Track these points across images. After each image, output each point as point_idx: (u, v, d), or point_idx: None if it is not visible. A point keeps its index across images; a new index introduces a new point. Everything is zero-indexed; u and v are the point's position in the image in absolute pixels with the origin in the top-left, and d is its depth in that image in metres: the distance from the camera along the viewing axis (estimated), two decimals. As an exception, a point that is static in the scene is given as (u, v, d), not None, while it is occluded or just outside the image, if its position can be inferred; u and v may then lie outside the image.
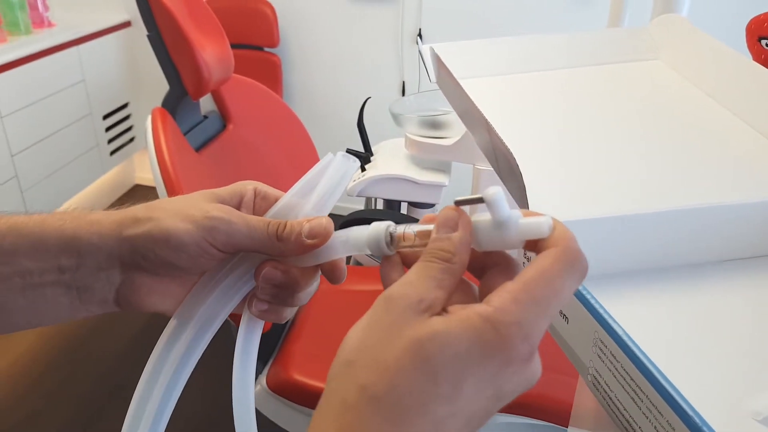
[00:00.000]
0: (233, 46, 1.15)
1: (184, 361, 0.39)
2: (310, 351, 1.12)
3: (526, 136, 0.61)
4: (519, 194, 0.52)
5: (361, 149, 1.49)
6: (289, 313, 0.40)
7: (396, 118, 1.39)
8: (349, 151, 1.47)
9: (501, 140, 0.52)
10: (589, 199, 0.52)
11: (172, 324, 0.38)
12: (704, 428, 0.31)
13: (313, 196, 0.39)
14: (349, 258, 1.52)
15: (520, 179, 0.50)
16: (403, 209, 1.53)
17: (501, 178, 0.60)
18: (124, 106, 2.58)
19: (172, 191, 0.93)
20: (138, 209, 0.37)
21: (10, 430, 1.63)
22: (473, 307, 0.27)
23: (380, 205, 1.54)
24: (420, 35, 2.17)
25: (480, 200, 0.30)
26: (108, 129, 2.49)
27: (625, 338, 0.37)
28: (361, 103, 1.50)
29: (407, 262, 0.34)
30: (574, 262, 0.29)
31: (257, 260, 0.38)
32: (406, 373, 0.26)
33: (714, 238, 0.51)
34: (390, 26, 2.21)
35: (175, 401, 0.39)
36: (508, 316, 0.27)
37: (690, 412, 0.32)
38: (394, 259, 0.35)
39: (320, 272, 0.40)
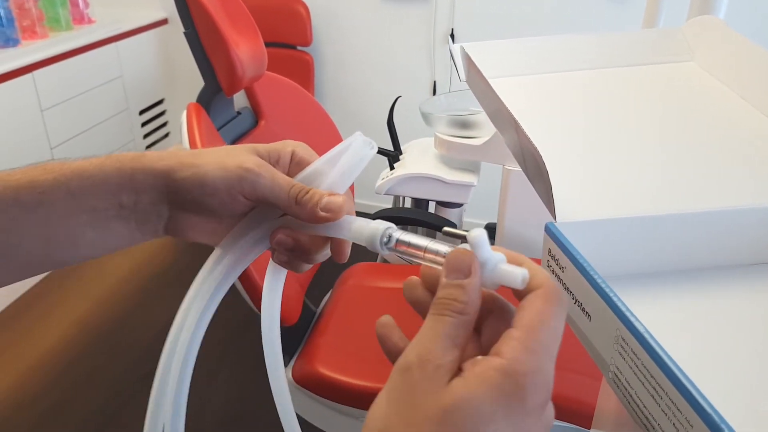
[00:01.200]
0: (267, 44, 1.17)
1: (219, 286, 0.43)
2: (335, 345, 1.14)
3: (553, 136, 0.62)
4: (546, 195, 0.52)
5: (391, 148, 1.50)
6: (306, 267, 0.44)
7: (426, 117, 1.39)
8: (378, 150, 1.48)
9: (529, 140, 0.52)
10: (614, 199, 0.53)
11: (215, 253, 0.43)
12: (722, 426, 0.31)
13: (334, 171, 0.42)
14: (376, 255, 1.53)
15: (547, 179, 0.50)
16: (431, 208, 1.54)
17: (529, 178, 0.60)
18: (160, 101, 2.63)
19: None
20: (185, 155, 0.41)
21: (40, 416, 1.68)
22: (487, 361, 0.28)
23: (408, 204, 1.55)
24: (452, 35, 2.17)
25: (463, 238, 0.31)
26: (144, 124, 2.55)
27: (646, 336, 0.37)
28: (392, 102, 1.51)
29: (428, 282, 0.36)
30: (562, 301, 0.30)
31: (277, 215, 0.42)
32: None
33: (738, 242, 0.51)
34: (422, 26, 2.21)
35: (206, 326, 0.44)
36: (524, 366, 0.27)
37: (709, 410, 0.32)
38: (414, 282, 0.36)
39: (329, 244, 0.43)
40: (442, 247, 0.35)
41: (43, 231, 0.39)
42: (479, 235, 0.31)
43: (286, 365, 1.17)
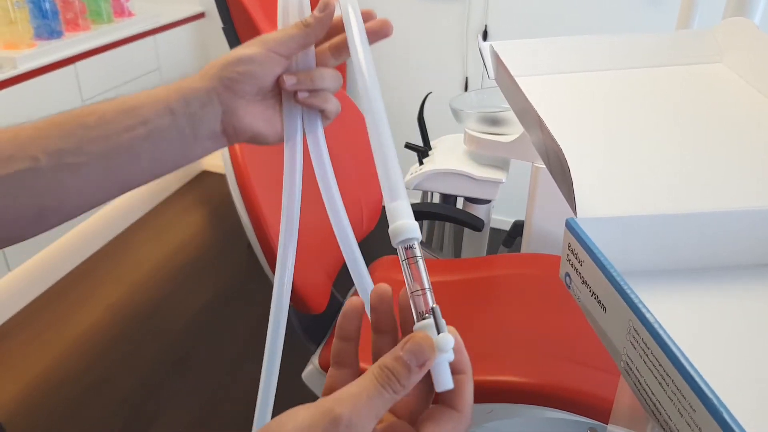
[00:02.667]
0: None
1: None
2: (361, 334, 1.16)
3: (577, 135, 0.63)
4: (567, 191, 0.54)
5: (420, 143, 1.52)
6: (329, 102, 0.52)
7: (456, 113, 1.41)
8: (407, 145, 1.50)
9: (552, 137, 0.54)
10: (634, 197, 0.54)
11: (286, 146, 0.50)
12: (722, 410, 0.32)
13: None
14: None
15: (569, 176, 0.52)
16: (459, 204, 1.55)
17: (553, 176, 0.62)
18: (196, 93, 2.69)
19: (240, 177, 0.98)
20: (224, 58, 0.47)
21: (80, 394, 1.75)
22: None
23: (436, 199, 1.57)
24: (485, 32, 2.17)
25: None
26: (180, 116, 2.61)
27: (656, 326, 0.39)
28: (423, 97, 1.53)
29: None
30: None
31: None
32: None
33: (755, 242, 0.52)
34: (456, 23, 2.22)
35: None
36: None
37: (710, 395, 0.33)
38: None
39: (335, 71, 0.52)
40: (428, 305, 0.39)
41: (104, 147, 0.42)
42: (448, 342, 0.36)
43: (313, 352, 1.20)
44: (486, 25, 2.17)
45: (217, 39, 2.25)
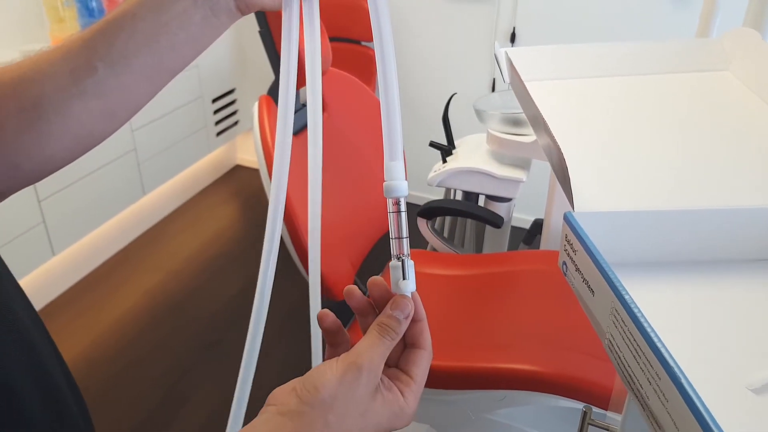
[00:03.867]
0: (333, 39, 1.27)
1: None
2: (382, 323, 1.23)
3: (580, 136, 0.68)
4: (566, 188, 0.59)
5: (445, 142, 1.58)
6: None
7: (479, 114, 1.46)
8: (432, 144, 1.56)
9: (552, 135, 0.59)
10: (630, 195, 0.59)
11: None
12: (680, 376, 0.38)
13: None
14: (426, 243, 1.61)
15: (566, 172, 0.57)
16: (481, 202, 1.60)
17: (557, 177, 0.67)
18: (231, 91, 2.79)
19: (272, 169, 1.05)
20: None
21: (116, 374, 1.85)
22: (396, 397, 0.45)
23: (459, 197, 1.62)
24: (513, 35, 2.22)
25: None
26: (215, 112, 2.70)
27: (632, 306, 0.44)
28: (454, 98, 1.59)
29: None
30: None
31: None
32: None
33: (743, 239, 0.56)
34: (485, 25, 2.27)
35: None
36: (411, 409, 0.46)
37: (671, 362, 0.39)
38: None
39: None
40: (402, 250, 0.49)
41: (143, 42, 0.49)
42: (407, 287, 0.48)
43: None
44: (514, 27, 2.21)
45: (253, 40, 2.34)
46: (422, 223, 1.49)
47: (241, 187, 2.92)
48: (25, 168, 0.51)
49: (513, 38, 2.22)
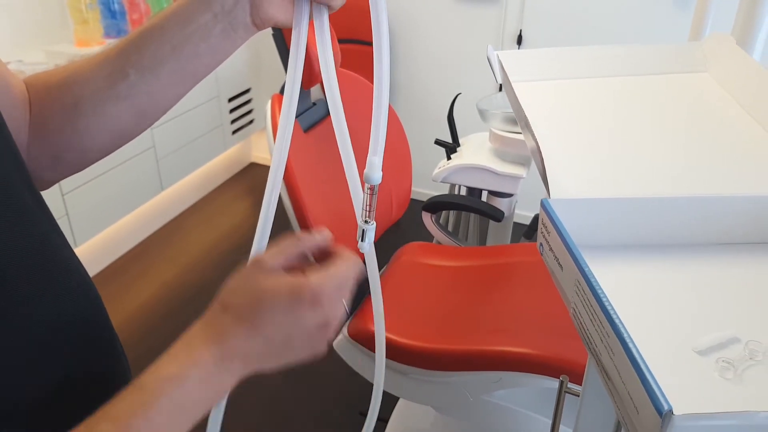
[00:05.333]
0: (344, 40, 1.33)
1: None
2: (386, 308, 1.29)
3: (560, 131, 0.75)
4: (544, 177, 0.66)
5: (450, 140, 1.65)
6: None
7: (482, 113, 1.53)
8: (437, 141, 1.63)
9: (531, 129, 0.66)
10: (602, 185, 0.66)
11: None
12: (624, 334, 0.44)
13: None
14: (432, 237, 1.68)
15: (542, 162, 0.64)
16: (484, 197, 1.67)
17: (539, 172, 0.74)
18: (247, 91, 2.87)
19: (285, 169, 1.13)
20: None
21: (133, 361, 1.93)
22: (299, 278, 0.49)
23: (463, 192, 1.69)
24: (520, 37, 2.28)
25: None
26: (231, 111, 2.79)
27: (590, 277, 0.50)
28: (458, 99, 1.65)
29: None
30: (354, 266, 0.53)
31: None
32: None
33: (703, 224, 0.63)
34: (492, 27, 2.33)
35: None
36: (314, 282, 0.48)
37: (616, 320, 0.45)
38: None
39: None
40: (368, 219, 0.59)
41: (170, 50, 0.55)
42: (364, 247, 0.58)
43: (343, 325, 1.34)
44: (521, 30, 2.27)
45: (267, 43, 2.42)
46: (427, 217, 1.56)
47: (256, 184, 3.00)
48: (66, 159, 0.58)
49: (520, 40, 2.28)
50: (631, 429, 0.45)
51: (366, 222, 0.59)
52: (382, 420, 1.60)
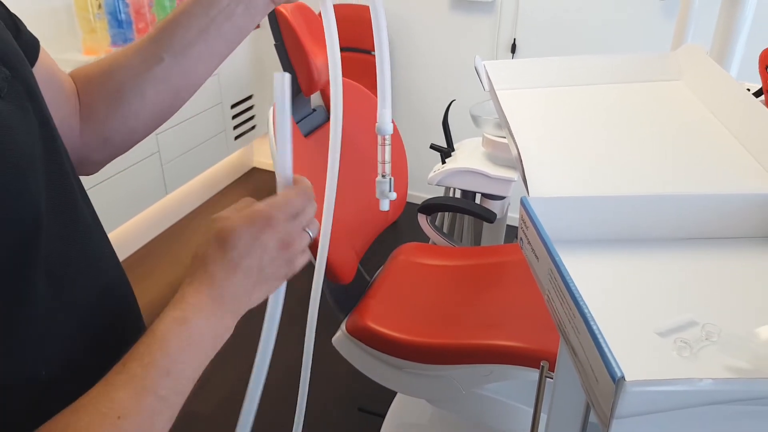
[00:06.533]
0: (345, 49, 1.39)
1: None
2: (383, 306, 1.36)
3: (540, 134, 0.81)
4: (523, 178, 0.72)
5: (445, 145, 1.71)
6: None
7: (475, 119, 1.59)
8: (433, 146, 1.69)
9: (511, 132, 0.72)
10: (578, 186, 0.72)
11: None
12: (584, 308, 0.50)
13: None
14: (427, 238, 1.74)
15: (521, 162, 0.70)
16: (478, 200, 1.73)
17: (519, 172, 0.80)
18: (249, 97, 2.94)
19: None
20: None
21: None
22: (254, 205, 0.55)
23: (458, 195, 1.75)
24: (514, 45, 2.34)
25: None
26: (234, 117, 2.86)
27: (561, 266, 0.56)
28: (453, 106, 1.72)
29: None
30: (305, 193, 0.58)
31: None
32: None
33: (667, 220, 0.69)
34: (487, 35, 2.40)
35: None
36: (268, 212, 0.54)
37: (580, 302, 0.51)
38: None
39: None
40: (385, 172, 0.68)
41: (197, 33, 0.62)
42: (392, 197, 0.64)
43: (342, 321, 1.40)
44: (515, 39, 2.34)
45: (270, 51, 2.49)
46: (422, 219, 1.62)
47: (258, 188, 3.07)
48: (115, 141, 0.65)
49: (514, 48, 2.34)
50: (594, 401, 0.51)
51: (383, 176, 0.66)
52: (380, 415, 1.66)
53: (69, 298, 0.49)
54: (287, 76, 0.56)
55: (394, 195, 0.70)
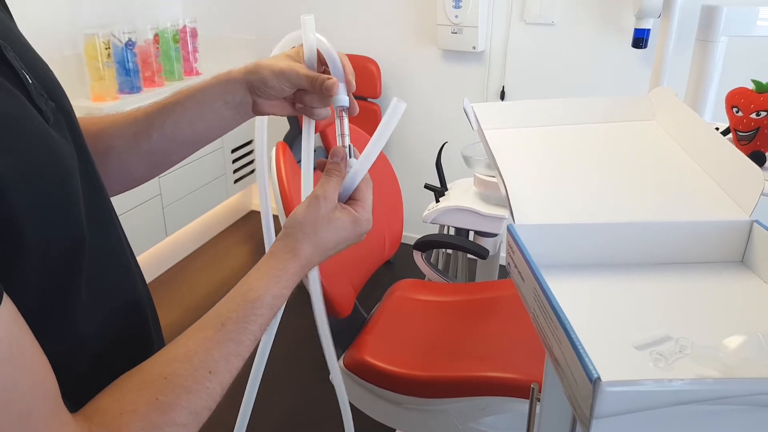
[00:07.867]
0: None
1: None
2: (380, 340, 1.40)
3: (523, 168, 0.87)
4: (509, 208, 0.78)
5: (438, 185, 1.78)
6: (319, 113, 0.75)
7: (466, 160, 1.66)
8: (427, 186, 1.76)
9: (498, 166, 0.79)
10: (558, 213, 0.78)
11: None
12: (564, 319, 0.56)
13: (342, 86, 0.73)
14: (423, 275, 1.79)
15: (507, 193, 0.76)
16: (471, 237, 1.79)
17: (506, 203, 0.86)
18: (249, 142, 3.03)
19: (286, 204, 1.25)
20: (252, 65, 0.70)
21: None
22: (348, 211, 0.66)
23: (452, 232, 1.81)
24: (503, 92, 2.45)
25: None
26: (234, 161, 2.94)
27: (545, 286, 0.62)
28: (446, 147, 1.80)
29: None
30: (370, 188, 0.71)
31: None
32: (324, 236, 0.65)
33: (643, 246, 0.75)
34: (477, 83, 2.50)
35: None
36: (364, 216, 0.68)
37: (561, 314, 0.57)
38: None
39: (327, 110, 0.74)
40: (344, 142, 0.72)
41: (190, 126, 0.70)
42: (358, 164, 0.70)
43: (339, 357, 1.44)
44: (503, 86, 2.44)
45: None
46: (418, 256, 1.67)
47: (256, 231, 3.12)
48: None
49: (503, 95, 2.45)
50: (576, 406, 0.55)
51: (345, 147, 0.71)
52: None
53: (105, 308, 0.54)
54: (404, 106, 0.68)
55: (354, 161, 0.71)
